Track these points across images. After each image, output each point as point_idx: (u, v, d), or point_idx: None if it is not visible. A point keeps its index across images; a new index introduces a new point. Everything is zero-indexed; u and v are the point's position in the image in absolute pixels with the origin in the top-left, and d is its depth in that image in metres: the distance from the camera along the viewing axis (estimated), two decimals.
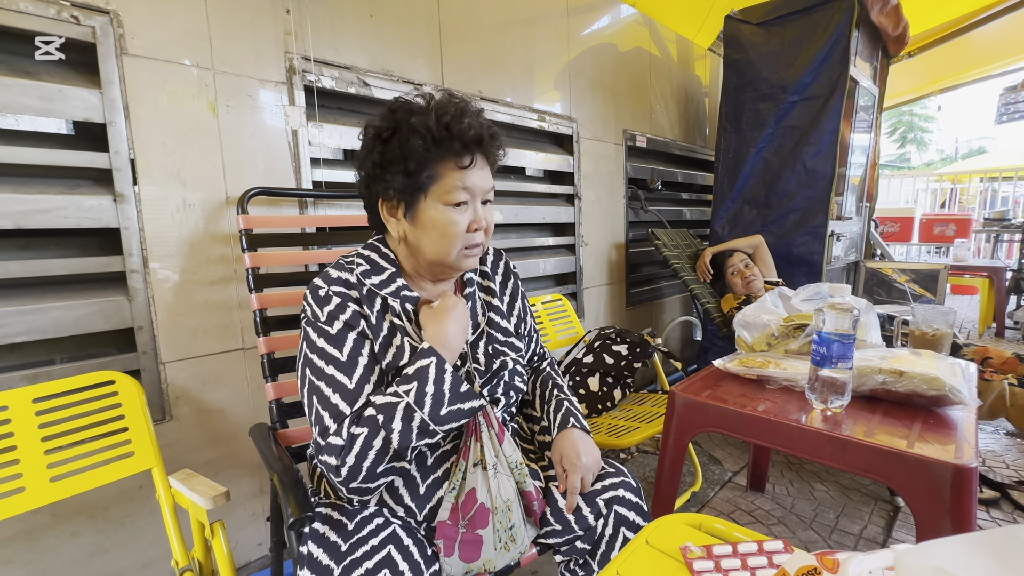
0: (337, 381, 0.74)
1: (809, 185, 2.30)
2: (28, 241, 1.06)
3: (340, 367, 0.74)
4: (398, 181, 0.77)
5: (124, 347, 1.15)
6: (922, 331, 1.28)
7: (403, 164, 0.76)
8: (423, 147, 0.75)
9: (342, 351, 0.75)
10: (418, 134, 0.74)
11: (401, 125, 0.76)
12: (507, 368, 0.89)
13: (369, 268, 0.81)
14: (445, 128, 0.75)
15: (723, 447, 2.14)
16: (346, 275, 0.79)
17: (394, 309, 0.82)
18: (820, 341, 0.94)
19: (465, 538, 0.78)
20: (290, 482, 0.77)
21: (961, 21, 3.25)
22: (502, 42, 1.86)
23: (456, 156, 0.77)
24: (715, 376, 1.19)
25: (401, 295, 0.82)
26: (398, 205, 0.80)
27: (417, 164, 0.76)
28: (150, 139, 1.12)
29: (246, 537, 1.34)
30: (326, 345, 0.75)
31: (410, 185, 0.77)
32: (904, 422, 0.92)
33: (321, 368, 0.74)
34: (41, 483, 0.88)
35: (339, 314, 0.76)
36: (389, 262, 0.84)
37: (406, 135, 0.75)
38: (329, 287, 0.78)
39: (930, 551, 0.27)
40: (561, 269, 2.18)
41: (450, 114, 0.76)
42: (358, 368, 0.75)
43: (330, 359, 0.75)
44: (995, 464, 1.93)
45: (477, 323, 0.91)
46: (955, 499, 0.78)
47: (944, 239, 5.73)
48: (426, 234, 0.79)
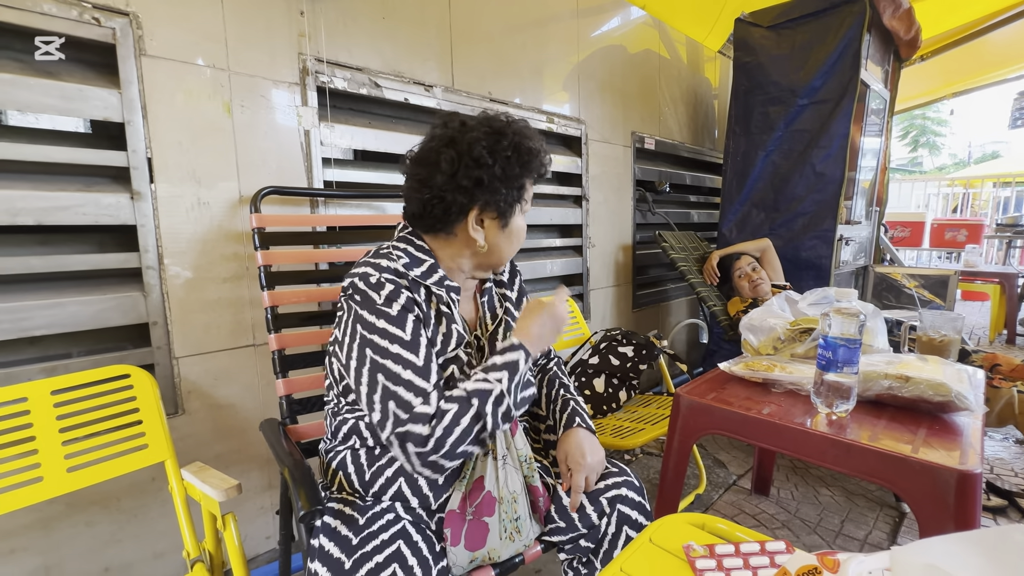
0: (405, 359, 0.74)
1: (818, 189, 2.29)
2: (48, 237, 1.09)
3: (406, 346, 0.75)
4: (513, 195, 0.84)
5: (139, 342, 1.17)
6: (929, 337, 1.27)
7: (520, 180, 0.84)
8: (534, 165, 0.85)
9: (405, 331, 0.76)
10: (531, 153, 0.84)
11: (520, 145, 0.83)
12: None
13: (409, 261, 0.83)
14: (529, 151, 0.84)
15: (728, 450, 2.14)
16: (394, 264, 0.81)
17: (441, 297, 0.84)
18: (826, 345, 0.94)
19: (471, 525, 0.79)
20: (301, 476, 0.79)
21: (974, 25, 3.22)
22: (512, 44, 1.88)
23: (535, 174, 0.88)
24: (720, 379, 1.19)
25: (445, 284, 0.85)
26: (495, 217, 0.84)
27: (519, 177, 0.84)
28: (167, 138, 1.14)
29: (254, 530, 1.36)
30: (388, 325, 0.76)
31: (514, 198, 0.85)
32: (909, 427, 0.92)
33: (386, 347, 0.75)
34: (59, 473, 0.91)
35: (396, 297, 0.78)
36: (425, 254, 0.86)
37: (528, 156, 0.83)
38: (381, 274, 0.79)
39: (925, 549, 0.28)
40: (568, 270, 2.19)
41: (533, 155, 0.85)
42: (422, 347, 0.77)
43: (394, 339, 0.75)
44: (1003, 472, 1.92)
45: (496, 314, 0.95)
46: (959, 505, 0.78)
47: (955, 244, 5.67)
48: (510, 241, 0.88)
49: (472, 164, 0.80)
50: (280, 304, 1.14)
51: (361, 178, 1.48)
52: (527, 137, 0.84)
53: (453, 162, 0.80)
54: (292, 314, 1.18)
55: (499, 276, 1.00)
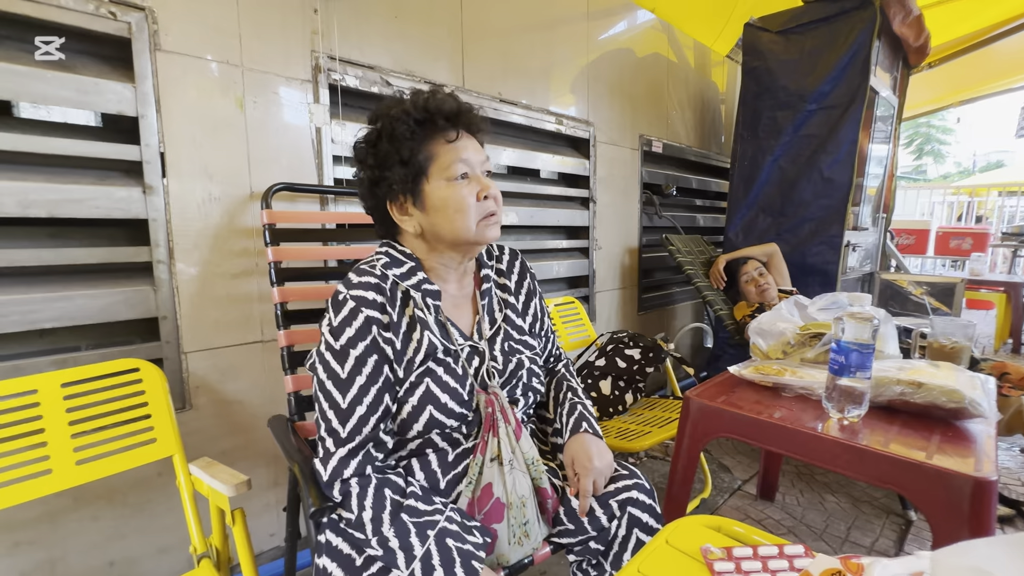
0: (333, 398, 0.75)
1: (825, 194, 2.28)
2: (59, 230, 1.09)
3: (338, 383, 0.75)
4: (397, 173, 0.79)
5: (148, 336, 1.17)
6: (940, 343, 1.27)
7: (397, 155, 0.78)
8: (409, 131, 0.78)
9: (343, 367, 0.75)
10: (400, 122, 0.78)
11: (383, 124, 0.80)
12: (524, 367, 0.90)
13: (389, 261, 0.82)
14: (423, 108, 0.79)
15: (733, 455, 2.13)
16: (366, 278, 0.78)
17: (416, 301, 0.82)
18: (839, 350, 0.94)
19: None
20: (310, 472, 0.78)
21: (983, 33, 3.22)
22: (522, 45, 1.88)
23: (442, 132, 0.80)
24: (730, 382, 1.19)
25: (422, 288, 0.82)
26: (405, 199, 0.81)
27: (410, 150, 0.78)
28: (179, 133, 1.14)
29: (259, 527, 1.36)
30: (331, 359, 0.76)
31: (410, 173, 0.79)
32: (922, 434, 0.92)
33: (323, 380, 0.76)
34: (67, 466, 0.91)
35: (350, 322, 0.75)
36: (407, 256, 0.84)
37: (390, 128, 0.78)
38: (348, 291, 0.77)
39: (967, 551, 0.27)
40: (574, 272, 2.19)
41: (423, 96, 0.80)
42: (354, 387, 0.75)
43: (331, 373, 0.75)
44: (1010, 481, 1.91)
45: (495, 318, 0.92)
46: (974, 512, 0.77)
47: (960, 252, 5.66)
48: (441, 215, 0.80)
49: (359, 166, 0.84)
50: (289, 300, 1.14)
51: None
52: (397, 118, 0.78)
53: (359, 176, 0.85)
54: (301, 311, 1.18)
55: (503, 280, 0.96)
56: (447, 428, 0.80)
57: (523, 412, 0.91)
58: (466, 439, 0.84)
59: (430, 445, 0.82)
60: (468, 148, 0.81)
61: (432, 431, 0.80)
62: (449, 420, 0.80)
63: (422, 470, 0.82)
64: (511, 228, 1.94)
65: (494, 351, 0.88)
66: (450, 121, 0.80)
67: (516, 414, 0.86)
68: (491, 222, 0.82)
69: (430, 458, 0.82)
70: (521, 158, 1.88)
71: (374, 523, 0.69)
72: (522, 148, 1.90)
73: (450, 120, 0.80)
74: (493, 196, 0.82)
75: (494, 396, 0.83)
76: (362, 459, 0.74)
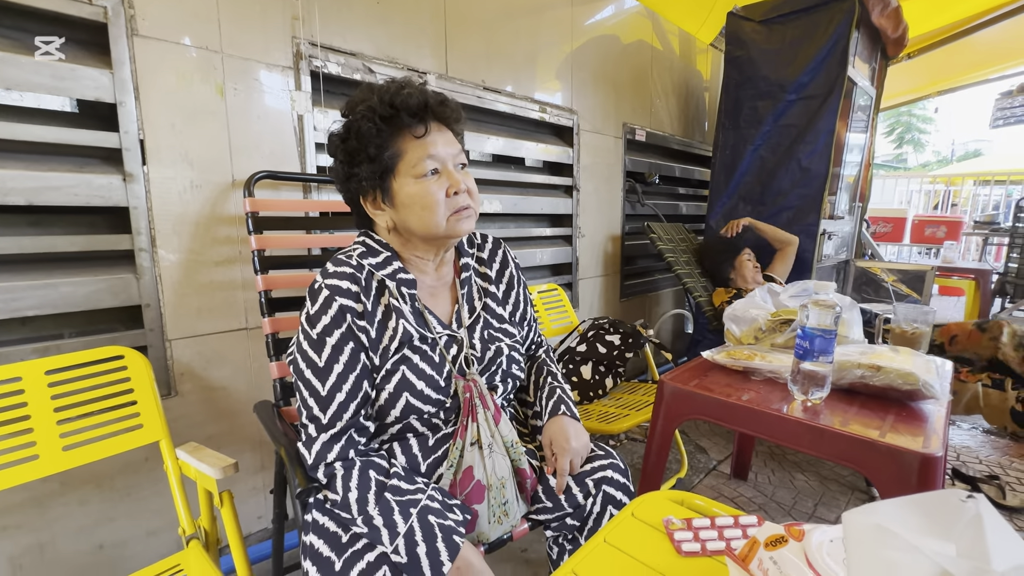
0: (312, 386, 0.77)
1: (803, 183, 2.34)
2: (39, 218, 1.08)
3: (316, 372, 0.77)
4: (365, 170, 0.80)
5: (131, 324, 1.18)
6: (902, 328, 1.33)
7: (364, 152, 0.79)
8: (375, 128, 0.78)
9: (320, 355, 0.77)
10: (366, 118, 0.78)
11: (352, 119, 0.80)
12: (503, 355, 0.92)
13: (365, 250, 0.84)
14: (389, 105, 0.78)
15: (709, 436, 2.20)
16: (342, 268, 0.80)
17: (391, 290, 0.83)
18: (803, 335, 0.99)
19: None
20: (296, 455, 0.81)
21: (960, 25, 3.27)
22: (506, 31, 1.88)
23: (408, 128, 0.80)
24: (703, 367, 1.24)
25: (397, 277, 0.84)
26: (375, 194, 0.83)
27: (376, 147, 0.78)
28: (159, 120, 1.14)
29: (246, 510, 1.38)
30: (308, 348, 0.78)
31: (377, 170, 0.79)
32: (879, 414, 0.97)
33: (302, 369, 0.78)
34: (54, 451, 0.92)
35: (325, 310, 0.77)
36: (382, 246, 0.85)
37: (357, 124, 0.79)
38: (324, 280, 0.79)
39: (873, 510, 0.31)
40: (558, 260, 2.22)
41: (391, 91, 0.79)
42: (333, 375, 0.77)
43: (309, 362, 0.77)
44: (969, 459, 2.01)
45: (474, 307, 0.94)
46: (921, 486, 0.83)
47: (935, 240, 5.81)
48: (409, 212, 0.80)
49: (333, 160, 0.86)
50: (273, 288, 1.15)
51: None
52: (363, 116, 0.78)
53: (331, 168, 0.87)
54: (285, 298, 1.19)
55: (484, 269, 0.97)
56: (425, 414, 0.83)
57: (503, 398, 0.94)
58: (445, 424, 0.87)
59: (410, 430, 0.85)
60: (437, 143, 0.81)
61: (410, 416, 0.83)
62: (426, 406, 0.82)
63: (403, 454, 0.85)
64: (495, 216, 1.96)
65: (473, 339, 0.90)
66: (417, 116, 0.79)
67: (495, 400, 0.89)
68: (463, 216, 0.82)
69: (411, 442, 0.85)
70: (505, 146, 1.89)
71: (359, 503, 0.72)
72: (506, 136, 1.91)
73: (417, 115, 0.79)
74: (465, 190, 0.82)
75: (472, 383, 0.85)
76: (344, 444, 0.76)
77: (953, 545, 0.29)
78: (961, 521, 0.29)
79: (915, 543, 0.28)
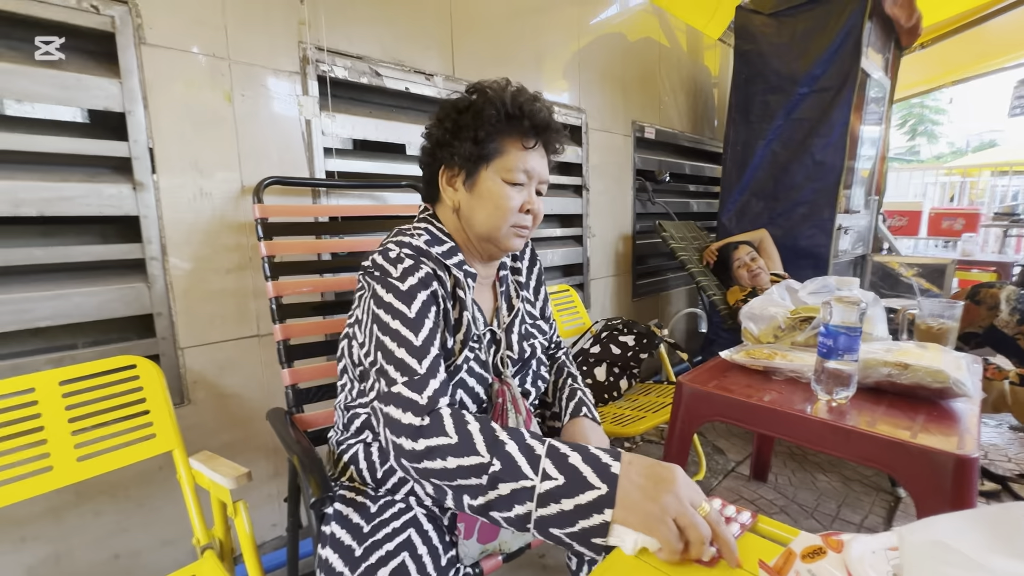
0: (402, 335, 0.70)
1: (817, 178, 2.29)
2: (50, 228, 1.08)
3: (406, 323, 0.71)
4: (466, 148, 0.79)
5: (144, 332, 1.17)
6: (928, 324, 1.29)
7: (473, 132, 0.78)
8: (495, 118, 0.78)
9: (410, 307, 0.72)
10: (493, 105, 0.78)
11: (478, 99, 0.80)
12: (536, 355, 0.91)
13: (430, 238, 0.82)
14: (519, 107, 0.79)
15: (727, 437, 2.16)
16: (415, 242, 0.79)
17: (458, 281, 0.82)
18: (827, 333, 0.95)
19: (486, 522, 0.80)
20: (310, 463, 0.80)
21: (975, 12, 3.20)
22: (512, 31, 1.86)
23: (523, 136, 0.81)
24: (721, 367, 1.21)
25: (464, 268, 0.82)
26: (459, 173, 0.81)
27: (487, 133, 0.78)
28: (168, 128, 1.13)
29: (260, 518, 1.38)
30: (394, 300, 0.73)
31: (475, 153, 0.79)
32: (908, 414, 0.94)
33: (387, 322, 0.71)
34: (68, 462, 0.92)
35: (413, 272, 0.75)
36: (445, 235, 0.84)
37: (481, 105, 0.79)
38: (401, 250, 0.77)
39: (930, 526, 0.29)
40: (568, 260, 2.20)
41: (524, 96, 0.81)
42: (425, 328, 0.72)
43: (397, 313, 0.72)
44: (997, 458, 1.95)
45: (512, 304, 0.93)
46: (956, 489, 0.79)
47: (952, 233, 5.69)
48: (481, 204, 0.80)
49: (434, 123, 0.83)
50: (284, 294, 1.14)
51: (362, 168, 1.48)
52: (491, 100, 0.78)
53: (428, 129, 0.84)
54: (296, 304, 1.18)
55: (516, 264, 0.97)
56: None
57: (532, 402, 0.93)
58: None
59: None
60: (536, 160, 0.82)
61: None
62: (473, 405, 0.80)
63: None
64: None
65: (511, 337, 0.89)
66: (535, 129, 0.81)
67: (526, 404, 0.87)
68: (520, 232, 0.83)
69: None
70: None
71: (485, 434, 0.62)
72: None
73: (535, 129, 0.81)
74: (535, 213, 0.83)
75: (507, 386, 0.84)
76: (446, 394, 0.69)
77: (1021, 563, 0.26)
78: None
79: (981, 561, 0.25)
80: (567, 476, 0.56)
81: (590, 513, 0.54)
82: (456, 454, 0.60)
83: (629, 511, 0.53)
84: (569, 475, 0.56)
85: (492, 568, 0.83)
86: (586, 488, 0.55)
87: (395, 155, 1.60)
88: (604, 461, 0.57)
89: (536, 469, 0.58)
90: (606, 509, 0.53)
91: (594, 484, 0.55)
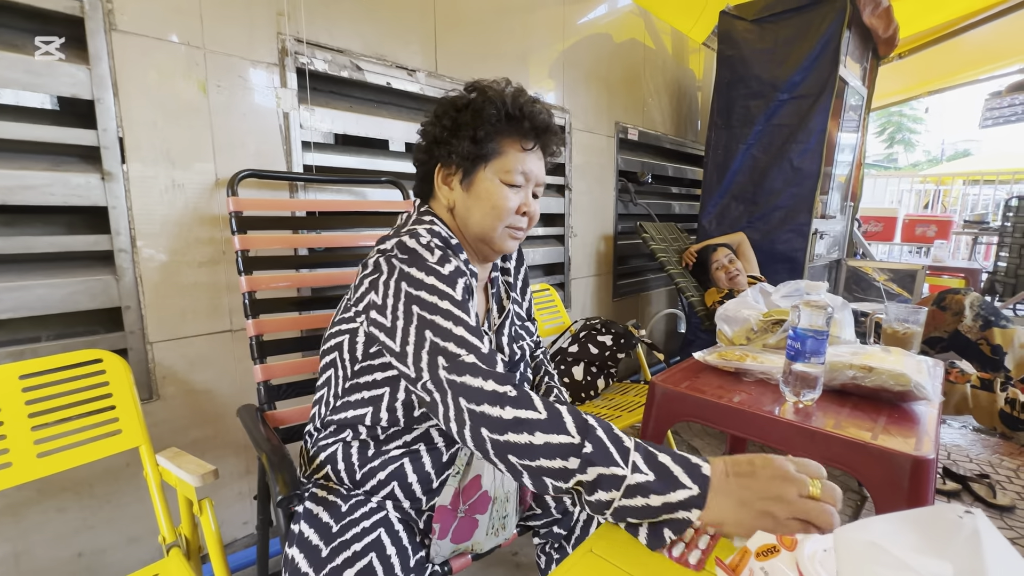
0: (456, 315, 0.67)
1: (795, 183, 2.34)
2: (13, 218, 1.05)
3: (457, 304, 0.68)
4: (464, 147, 0.78)
5: (111, 326, 1.15)
6: (894, 329, 1.32)
7: (472, 130, 0.78)
8: (495, 117, 0.78)
9: (455, 290, 0.70)
10: (493, 104, 0.78)
11: (477, 97, 0.79)
12: (524, 357, 0.91)
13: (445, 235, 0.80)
14: (519, 107, 0.79)
15: (702, 437, 2.20)
16: (444, 232, 0.78)
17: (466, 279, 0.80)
18: (795, 336, 0.98)
19: (462, 522, 0.79)
20: (279, 461, 0.79)
21: (951, 25, 3.29)
22: (497, 29, 1.86)
23: (522, 137, 0.80)
24: (695, 368, 1.22)
25: (469, 268, 0.81)
26: (456, 172, 0.81)
27: (486, 133, 0.78)
28: (139, 117, 1.11)
29: (232, 516, 1.36)
30: (437, 282, 0.70)
31: (474, 152, 0.78)
32: (871, 415, 0.96)
33: (435, 303, 0.67)
34: (28, 459, 0.89)
35: (448, 259, 0.73)
36: (449, 234, 0.82)
37: (481, 104, 0.78)
38: (432, 239, 0.75)
39: (865, 527, 0.30)
40: (549, 259, 2.20)
41: (524, 97, 0.80)
42: (471, 313, 0.70)
43: (444, 295, 0.68)
44: (959, 458, 2.02)
45: (503, 306, 0.92)
46: (913, 488, 0.82)
47: (925, 240, 5.86)
48: (477, 204, 0.80)
49: (432, 119, 0.82)
50: (258, 289, 1.13)
51: (342, 163, 1.46)
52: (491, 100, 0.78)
53: (425, 126, 0.83)
54: (271, 299, 1.17)
55: (505, 264, 0.96)
56: None
57: None
58: None
59: (427, 440, 0.80)
60: (534, 162, 0.82)
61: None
62: None
63: (415, 472, 0.79)
64: None
65: (502, 340, 0.89)
66: (534, 131, 0.81)
67: None
68: (515, 234, 0.83)
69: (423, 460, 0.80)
70: None
71: (573, 415, 0.59)
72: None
73: (534, 131, 0.81)
74: (531, 215, 0.83)
75: None
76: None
77: (949, 564, 0.27)
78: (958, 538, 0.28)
79: (908, 561, 0.26)
80: (657, 473, 0.55)
81: (676, 510, 0.53)
82: (545, 430, 0.57)
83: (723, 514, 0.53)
84: (659, 472, 0.55)
85: (461, 567, 0.83)
86: (677, 487, 0.54)
87: (376, 150, 1.59)
88: (694, 462, 0.57)
89: (626, 460, 0.56)
90: (694, 509, 0.53)
91: (685, 483, 0.54)
